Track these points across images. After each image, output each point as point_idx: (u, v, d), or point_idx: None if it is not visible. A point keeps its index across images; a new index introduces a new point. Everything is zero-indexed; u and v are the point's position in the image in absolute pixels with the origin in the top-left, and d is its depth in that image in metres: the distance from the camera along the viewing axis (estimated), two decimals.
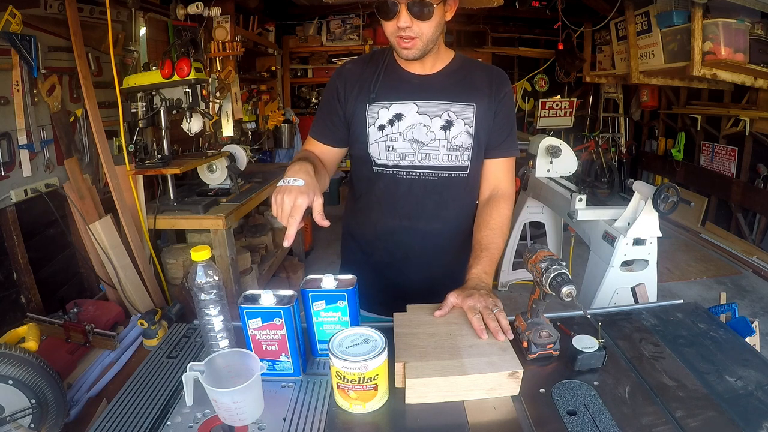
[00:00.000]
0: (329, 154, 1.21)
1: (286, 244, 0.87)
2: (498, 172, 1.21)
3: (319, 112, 1.22)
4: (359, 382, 0.76)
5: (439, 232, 1.22)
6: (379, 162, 1.16)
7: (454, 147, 1.14)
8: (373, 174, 1.17)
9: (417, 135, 1.12)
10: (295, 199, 0.87)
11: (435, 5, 0.98)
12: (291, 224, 0.86)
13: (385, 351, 0.78)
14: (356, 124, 1.15)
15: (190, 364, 0.79)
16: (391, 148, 1.14)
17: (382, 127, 1.13)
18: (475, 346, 0.87)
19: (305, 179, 0.91)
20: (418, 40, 1.02)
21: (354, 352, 0.78)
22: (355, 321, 0.91)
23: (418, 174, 1.15)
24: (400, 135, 1.12)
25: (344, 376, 0.76)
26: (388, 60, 1.15)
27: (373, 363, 0.76)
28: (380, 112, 1.13)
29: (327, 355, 0.81)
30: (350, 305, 0.90)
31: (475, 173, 1.20)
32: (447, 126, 1.12)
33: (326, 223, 0.89)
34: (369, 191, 1.21)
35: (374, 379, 0.77)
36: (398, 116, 1.12)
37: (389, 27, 1.03)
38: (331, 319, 0.91)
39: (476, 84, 1.15)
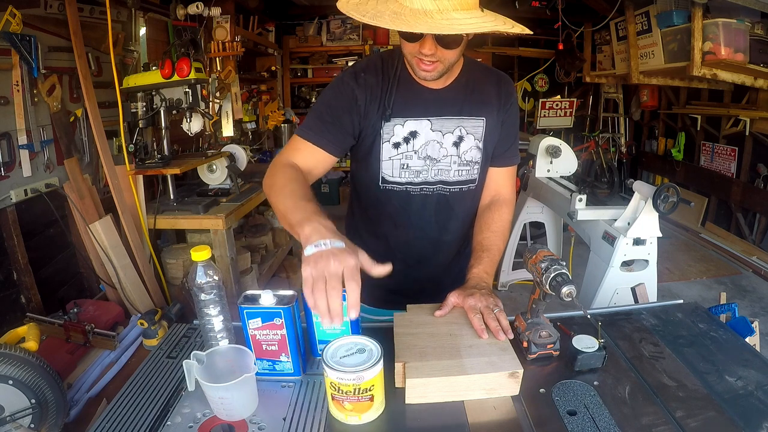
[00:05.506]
0: (324, 163, 1.09)
1: (353, 315, 0.74)
2: (500, 180, 1.21)
3: (323, 112, 1.08)
4: (354, 393, 0.75)
5: (450, 241, 1.23)
6: (390, 179, 1.12)
7: (465, 162, 1.13)
8: (383, 189, 1.14)
9: (430, 152, 1.11)
10: (347, 261, 0.73)
11: (464, 34, 0.91)
12: (352, 290, 0.73)
13: (381, 361, 0.76)
14: (370, 139, 1.10)
15: (193, 352, 0.81)
16: (405, 166, 1.11)
17: (397, 145, 1.09)
18: (475, 346, 0.87)
19: (342, 239, 0.77)
20: (439, 64, 0.96)
21: (349, 363, 0.76)
22: (355, 321, 0.91)
23: (431, 190, 1.14)
24: (416, 153, 1.10)
25: (339, 387, 0.75)
26: (399, 69, 1.08)
27: (368, 374, 0.74)
28: (395, 129, 1.08)
29: None
30: None
31: (482, 183, 1.20)
32: (458, 142, 1.11)
33: (387, 270, 0.79)
34: (380, 205, 1.18)
35: (370, 390, 0.75)
36: (413, 134, 1.09)
37: (410, 47, 0.95)
38: None
39: (486, 96, 1.12)
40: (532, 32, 0.91)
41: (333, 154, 1.08)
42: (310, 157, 1.07)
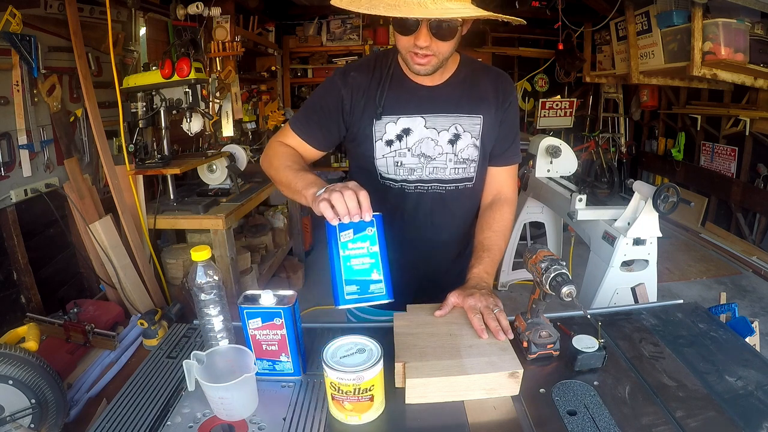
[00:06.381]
0: (310, 154, 1.16)
1: (368, 218, 0.85)
2: (501, 179, 1.21)
3: (310, 111, 1.14)
4: (354, 393, 0.75)
5: (446, 241, 1.23)
6: (386, 175, 1.13)
7: (461, 160, 1.12)
8: (379, 185, 1.14)
9: (425, 149, 1.10)
10: (354, 184, 0.86)
11: (459, 25, 0.94)
12: (364, 197, 0.85)
13: (381, 361, 0.76)
14: (362, 138, 1.11)
15: (193, 352, 0.81)
16: (399, 164, 1.11)
17: (389, 143, 1.09)
18: (475, 346, 0.87)
19: None
20: (434, 57, 0.97)
21: (349, 363, 0.76)
22: (384, 250, 0.88)
23: (426, 188, 1.14)
24: (409, 150, 1.10)
25: (339, 387, 0.75)
26: (392, 67, 1.10)
27: (368, 374, 0.74)
28: (387, 127, 1.09)
29: (354, 301, 0.81)
30: (379, 232, 0.87)
31: (480, 181, 1.20)
32: (454, 140, 1.11)
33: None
34: (376, 203, 1.18)
35: (370, 390, 0.75)
36: (406, 131, 1.09)
37: (405, 41, 0.97)
38: (359, 251, 0.87)
39: (483, 94, 1.12)
40: (525, 22, 0.95)
41: (318, 148, 1.15)
42: (298, 146, 1.15)
